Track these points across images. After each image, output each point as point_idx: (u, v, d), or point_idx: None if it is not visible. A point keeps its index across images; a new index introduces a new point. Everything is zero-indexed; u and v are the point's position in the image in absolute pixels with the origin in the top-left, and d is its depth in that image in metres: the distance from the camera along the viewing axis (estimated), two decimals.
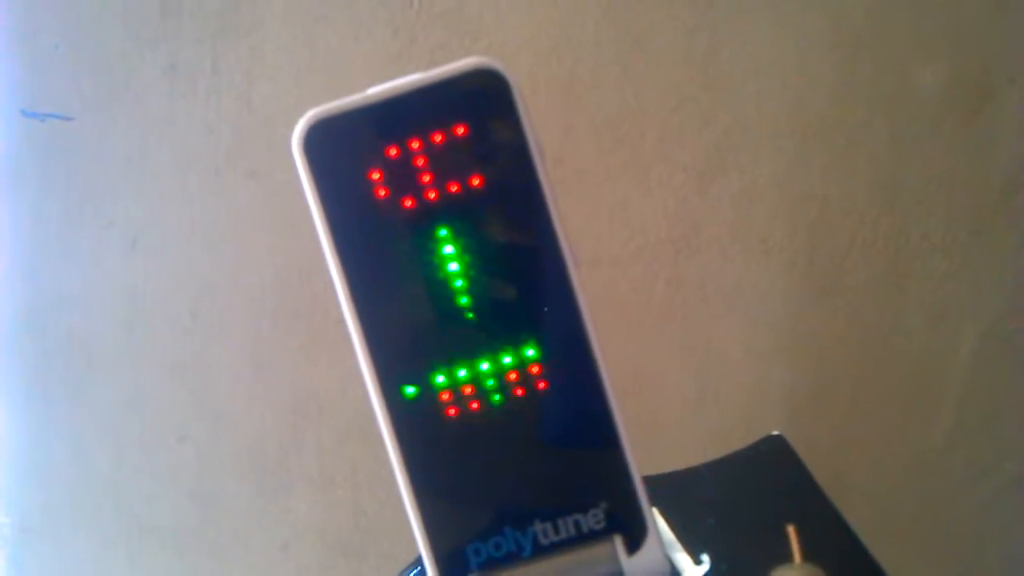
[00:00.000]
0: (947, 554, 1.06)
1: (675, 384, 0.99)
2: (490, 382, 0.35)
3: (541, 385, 0.35)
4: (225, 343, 0.93)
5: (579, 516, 0.35)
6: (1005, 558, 1.07)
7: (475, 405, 0.35)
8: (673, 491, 0.69)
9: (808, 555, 0.65)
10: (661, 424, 0.99)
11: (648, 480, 0.36)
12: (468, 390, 0.35)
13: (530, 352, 0.35)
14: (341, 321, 0.35)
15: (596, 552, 0.35)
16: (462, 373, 0.35)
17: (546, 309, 0.35)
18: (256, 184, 0.90)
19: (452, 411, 0.35)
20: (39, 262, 0.91)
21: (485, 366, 0.35)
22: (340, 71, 0.90)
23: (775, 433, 0.79)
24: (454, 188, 0.35)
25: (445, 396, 0.35)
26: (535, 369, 0.35)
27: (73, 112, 0.88)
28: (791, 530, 0.66)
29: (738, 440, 0.91)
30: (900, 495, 1.04)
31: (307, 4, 0.88)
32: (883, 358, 1.01)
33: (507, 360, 0.35)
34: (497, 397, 0.35)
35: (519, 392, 0.35)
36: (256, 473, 0.96)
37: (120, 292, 0.92)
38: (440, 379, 0.35)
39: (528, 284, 0.35)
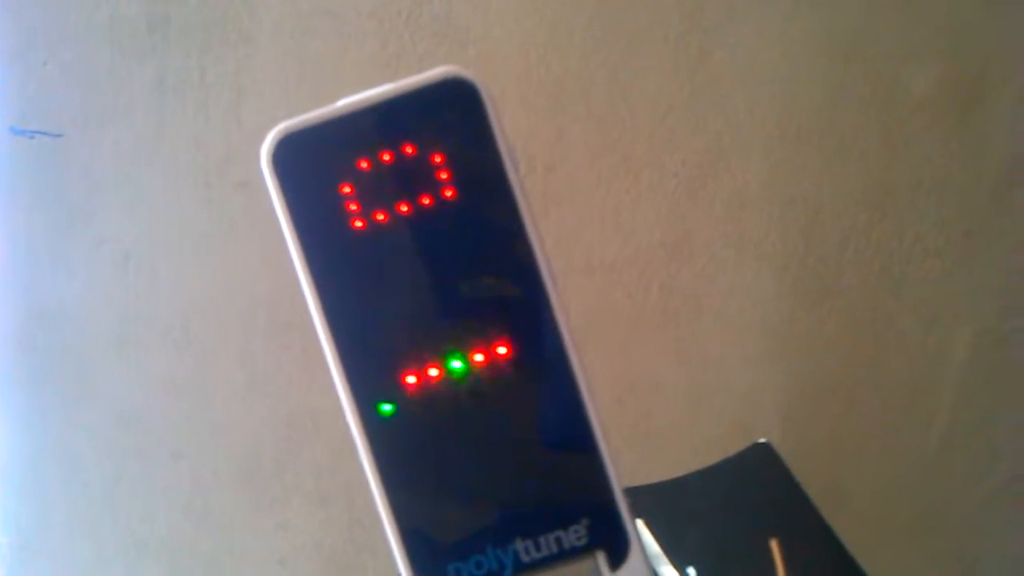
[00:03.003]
0: (945, 555, 1.06)
1: (669, 390, 0.99)
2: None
3: (519, 400, 0.35)
4: (218, 358, 0.93)
5: (560, 532, 0.35)
6: (1003, 558, 1.07)
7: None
8: (658, 502, 0.69)
9: (794, 567, 0.65)
10: (656, 431, 0.99)
11: (633, 491, 0.36)
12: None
13: (508, 368, 0.35)
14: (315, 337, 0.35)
15: (578, 569, 0.35)
16: (438, 389, 0.35)
17: (523, 321, 0.35)
18: (247, 197, 0.90)
19: (429, 427, 0.35)
20: (31, 279, 0.91)
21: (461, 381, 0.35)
22: (329, 82, 0.89)
23: (761, 441, 0.79)
24: (426, 200, 0.34)
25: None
26: (512, 384, 0.35)
27: (62, 129, 0.88)
28: (774, 544, 0.65)
29: (733, 446, 0.90)
30: (897, 497, 1.04)
31: (295, 16, 0.88)
32: (878, 361, 1.01)
33: (484, 375, 0.35)
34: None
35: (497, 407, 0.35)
36: (251, 488, 0.96)
37: (113, 308, 0.92)
38: (416, 395, 0.35)
39: (503, 296, 0.35)
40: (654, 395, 0.99)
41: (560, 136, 0.93)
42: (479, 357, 0.35)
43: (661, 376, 0.99)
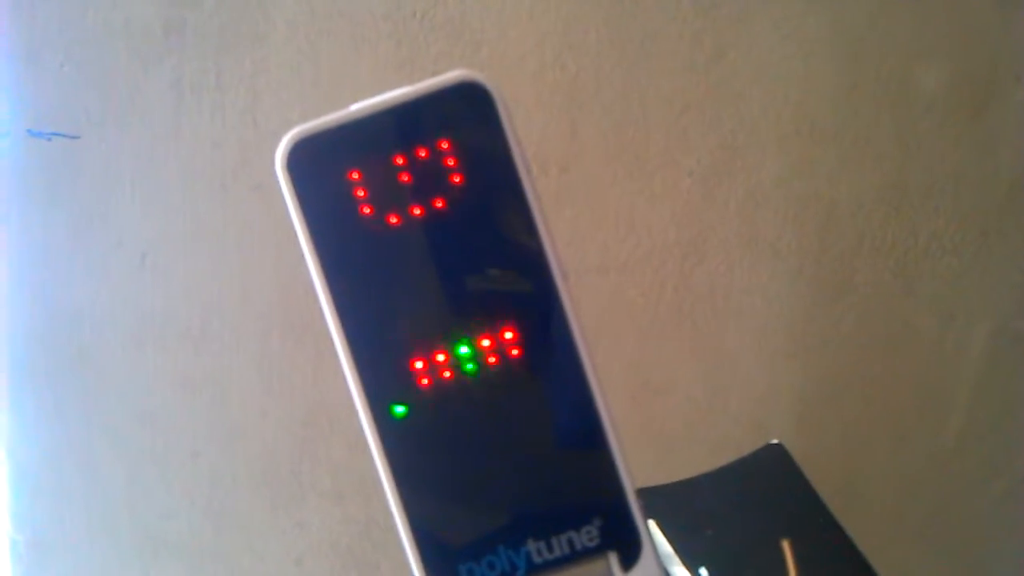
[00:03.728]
0: (960, 553, 1.06)
1: (685, 390, 0.99)
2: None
3: (531, 400, 0.35)
4: (235, 358, 0.94)
5: (573, 533, 0.35)
6: (1017, 556, 1.06)
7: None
8: (671, 502, 0.69)
9: (806, 568, 0.64)
10: (671, 431, 0.99)
11: (645, 492, 0.36)
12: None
13: (521, 371, 0.35)
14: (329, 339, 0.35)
15: (590, 570, 0.35)
16: (451, 390, 0.35)
17: (535, 323, 0.35)
18: (262, 198, 0.90)
19: (442, 428, 0.35)
20: (49, 280, 0.91)
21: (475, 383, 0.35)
22: (344, 84, 0.90)
23: (774, 441, 0.79)
24: (440, 204, 0.34)
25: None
26: (525, 384, 0.35)
27: (79, 130, 0.88)
28: (786, 545, 0.65)
29: (748, 444, 0.90)
30: (912, 495, 1.04)
31: (309, 18, 0.88)
32: (893, 359, 1.01)
33: (498, 378, 0.35)
34: None
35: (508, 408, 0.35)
36: (269, 487, 0.96)
37: (130, 308, 0.92)
38: (429, 396, 0.35)
39: (517, 298, 0.35)
40: (669, 394, 0.99)
41: (574, 135, 0.93)
42: (492, 359, 0.35)
43: (676, 375, 0.99)
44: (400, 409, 0.35)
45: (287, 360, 0.93)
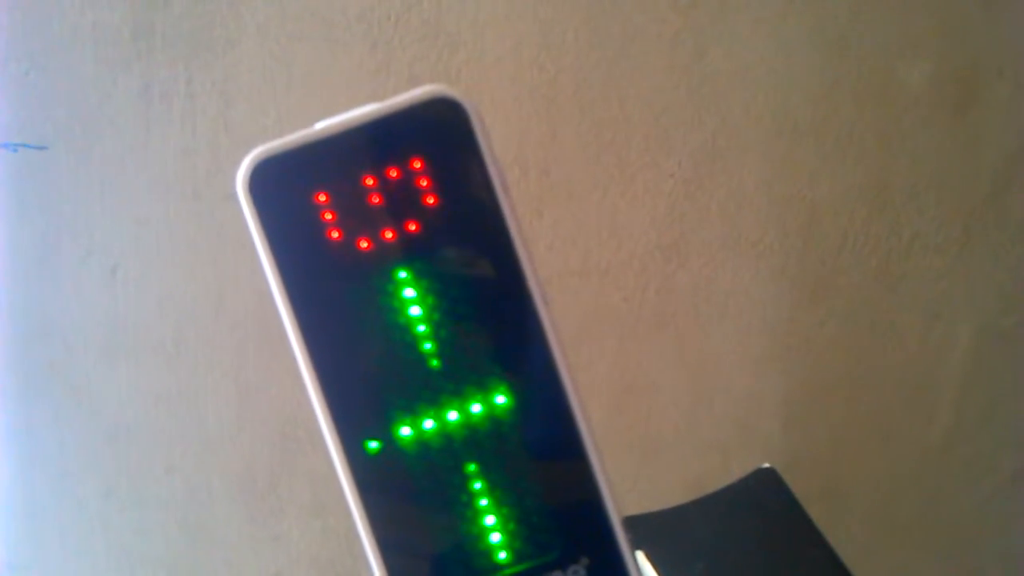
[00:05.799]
0: (948, 552, 1.06)
1: (669, 393, 0.98)
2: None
3: (513, 435, 0.33)
4: (210, 370, 0.92)
5: (558, 573, 0.33)
6: (1006, 555, 1.07)
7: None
8: (661, 532, 0.67)
9: None
10: (656, 434, 0.98)
11: (634, 520, 0.34)
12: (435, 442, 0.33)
13: (500, 399, 0.33)
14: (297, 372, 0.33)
15: None
16: (428, 425, 0.33)
17: (516, 352, 0.33)
18: (235, 207, 0.88)
19: (419, 465, 0.33)
20: (18, 295, 0.89)
21: (453, 416, 0.33)
22: (318, 89, 0.88)
23: (766, 466, 0.77)
24: (412, 227, 0.33)
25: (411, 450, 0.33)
26: (506, 418, 0.33)
27: (46, 140, 0.86)
28: None
29: (733, 447, 0.89)
30: (900, 495, 1.04)
31: (282, 22, 0.87)
32: (878, 358, 1.01)
33: (476, 409, 0.33)
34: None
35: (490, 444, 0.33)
36: (246, 501, 0.95)
37: (102, 321, 0.90)
38: (405, 432, 0.33)
39: (495, 326, 0.33)
40: (653, 397, 0.99)
41: (554, 138, 0.92)
42: (471, 392, 0.33)
43: (659, 378, 0.99)
44: (374, 445, 0.33)
45: (263, 371, 0.92)
